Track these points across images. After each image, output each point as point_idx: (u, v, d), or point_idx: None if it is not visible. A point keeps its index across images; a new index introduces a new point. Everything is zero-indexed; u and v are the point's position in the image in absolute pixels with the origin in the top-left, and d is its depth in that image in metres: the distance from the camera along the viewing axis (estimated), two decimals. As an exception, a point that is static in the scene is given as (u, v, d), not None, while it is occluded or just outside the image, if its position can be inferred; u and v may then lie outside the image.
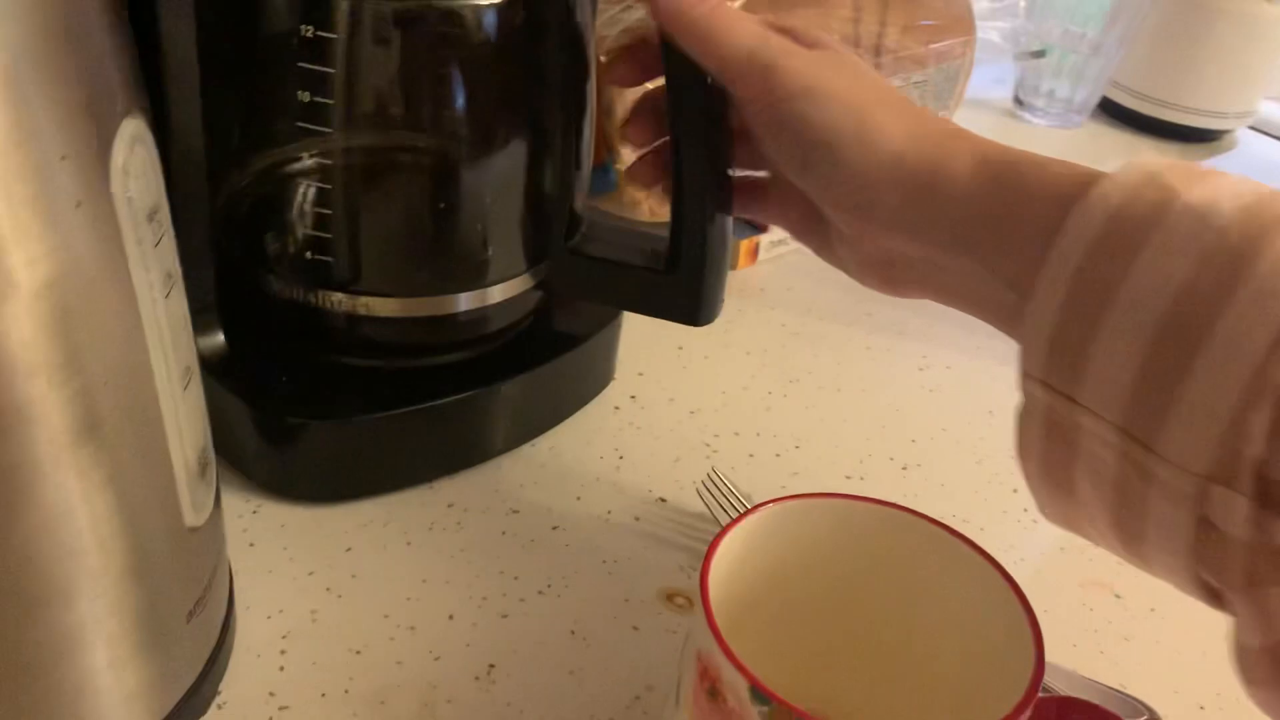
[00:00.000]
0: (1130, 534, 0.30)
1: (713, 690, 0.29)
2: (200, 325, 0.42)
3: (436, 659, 0.41)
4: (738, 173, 0.43)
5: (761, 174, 0.43)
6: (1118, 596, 0.48)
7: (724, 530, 0.32)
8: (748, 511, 0.33)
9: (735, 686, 0.28)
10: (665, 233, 0.45)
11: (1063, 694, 0.40)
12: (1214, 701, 0.44)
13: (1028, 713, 0.28)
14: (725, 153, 0.42)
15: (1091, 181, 0.30)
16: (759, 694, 0.27)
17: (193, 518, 0.34)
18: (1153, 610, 0.48)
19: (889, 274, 0.38)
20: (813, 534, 0.34)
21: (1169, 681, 0.44)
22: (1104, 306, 0.28)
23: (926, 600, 0.34)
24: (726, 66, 0.37)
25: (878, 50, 0.67)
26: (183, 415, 0.33)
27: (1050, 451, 0.31)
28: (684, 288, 0.45)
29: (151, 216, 0.30)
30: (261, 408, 0.45)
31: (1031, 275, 0.30)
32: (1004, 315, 0.34)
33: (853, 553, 0.34)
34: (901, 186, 0.34)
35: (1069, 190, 0.30)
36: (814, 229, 0.41)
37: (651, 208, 0.60)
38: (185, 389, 0.33)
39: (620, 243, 0.48)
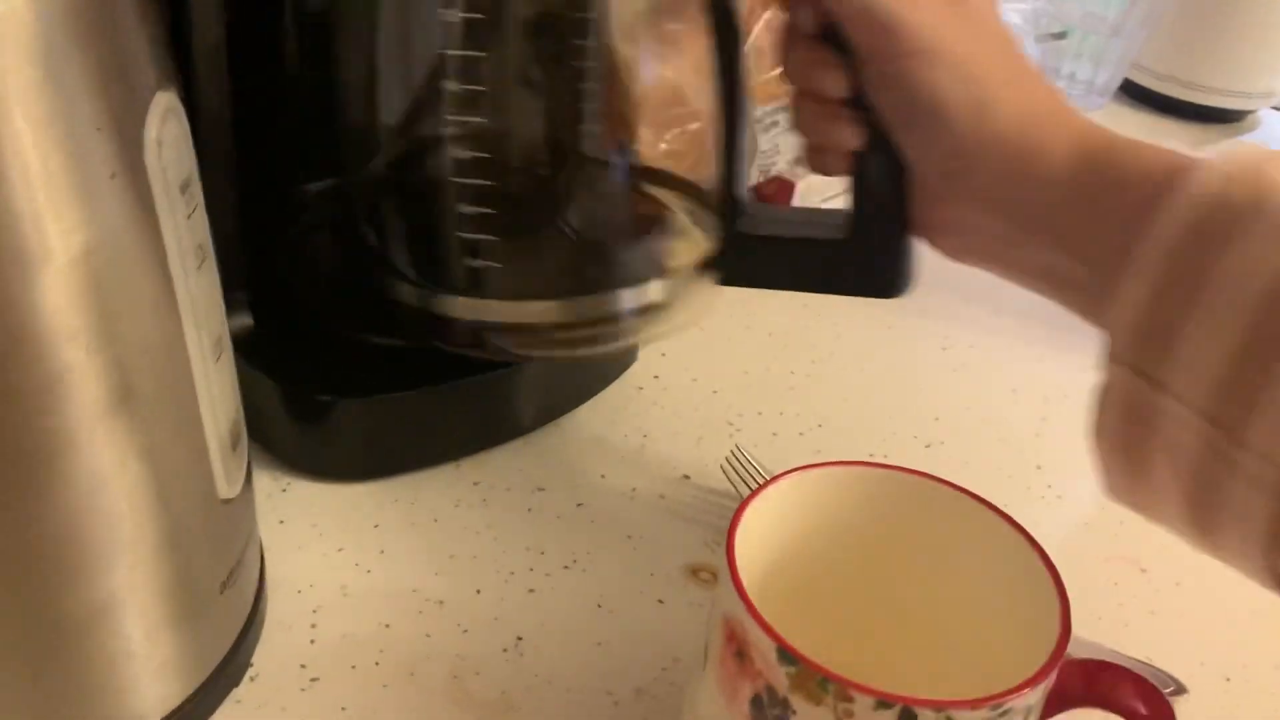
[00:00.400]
0: (1204, 520, 0.30)
1: (740, 652, 0.29)
2: (228, 304, 0.42)
3: (465, 632, 0.41)
4: None
5: None
6: (1143, 571, 0.48)
7: (750, 497, 0.33)
8: (773, 479, 0.33)
9: (762, 648, 0.28)
10: (830, 215, 0.42)
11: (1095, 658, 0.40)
12: (1240, 674, 0.43)
13: (1053, 673, 0.28)
14: None
15: (1188, 167, 0.30)
16: (786, 654, 0.28)
17: (226, 489, 0.35)
18: (1178, 584, 0.48)
19: (960, 241, 0.37)
20: (837, 502, 0.34)
21: (1194, 654, 0.44)
22: (1197, 292, 0.28)
23: (951, 565, 0.34)
24: (846, 13, 0.35)
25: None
26: (215, 386, 0.33)
27: (1128, 434, 0.31)
28: (874, 257, 0.41)
29: (184, 189, 0.30)
30: (290, 386, 0.45)
31: (1118, 259, 0.30)
32: (1077, 296, 0.34)
33: (877, 520, 0.34)
34: (998, 164, 0.34)
35: (1163, 175, 0.30)
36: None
37: (672, 190, 0.60)
38: (217, 361, 0.33)
39: (790, 220, 0.45)
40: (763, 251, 0.43)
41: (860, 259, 0.41)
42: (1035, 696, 0.28)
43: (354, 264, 0.52)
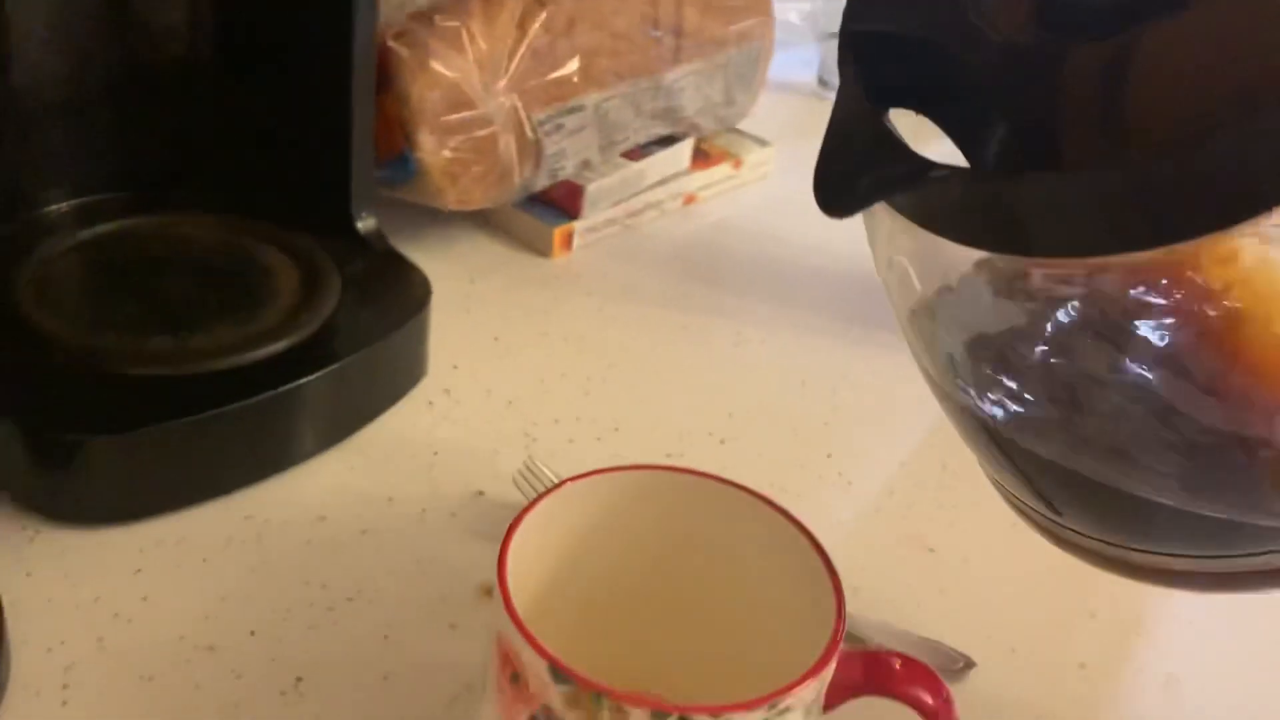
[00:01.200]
0: None
1: (515, 675, 0.28)
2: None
3: (239, 677, 0.38)
4: None
5: None
6: (931, 550, 0.49)
7: (524, 510, 0.31)
8: (550, 490, 0.32)
9: (536, 668, 0.27)
10: None
11: (874, 647, 0.40)
12: (1024, 644, 0.45)
13: (830, 667, 0.28)
14: None
15: None
16: (559, 673, 0.26)
17: (-62, 547, 0.31)
18: (965, 561, 0.49)
19: None
20: (617, 507, 0.33)
21: (982, 629, 0.45)
22: None
23: (733, 563, 0.33)
24: None
25: (678, 32, 0.67)
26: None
27: None
28: None
29: None
30: (31, 425, 0.41)
31: None
32: None
33: (658, 522, 0.33)
34: None
35: None
36: None
37: (457, 196, 0.59)
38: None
39: None
40: None
41: None
42: (812, 691, 0.28)
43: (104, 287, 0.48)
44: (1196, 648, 0.46)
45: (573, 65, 0.62)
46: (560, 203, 0.65)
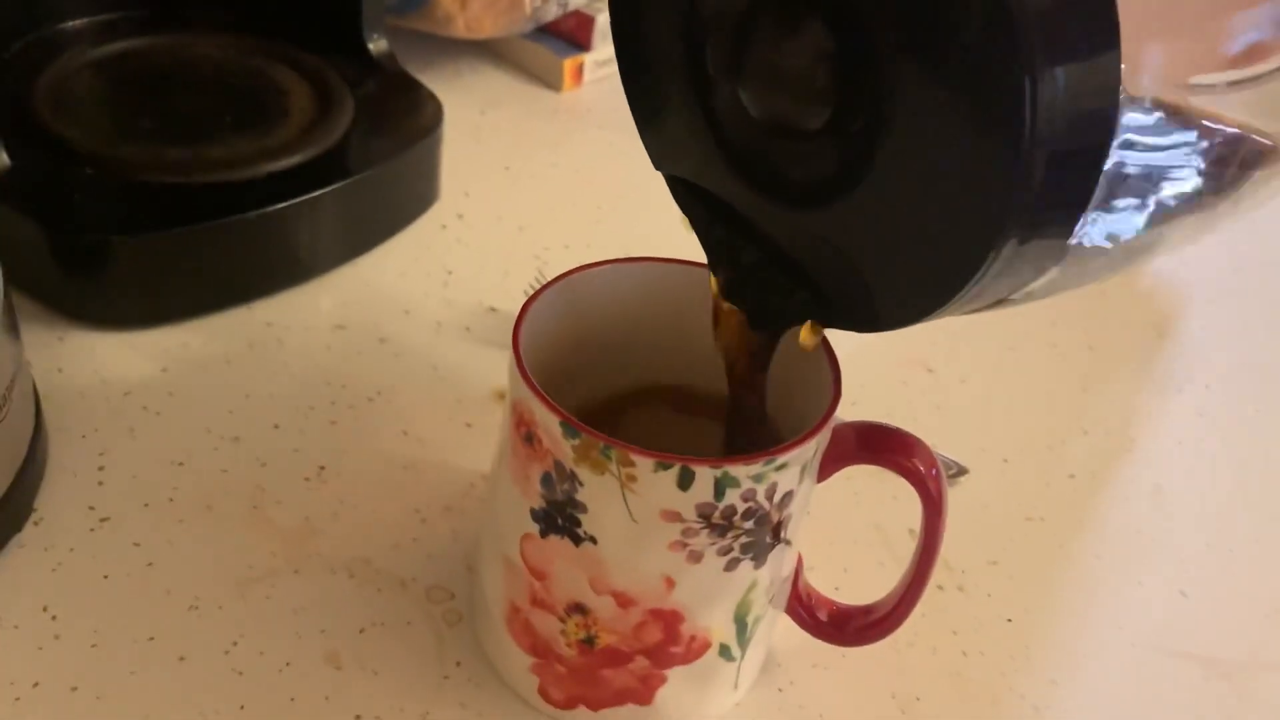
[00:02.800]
0: None
1: (529, 435, 0.29)
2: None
3: (263, 465, 0.40)
4: None
5: None
6: (930, 371, 0.51)
7: (539, 291, 0.33)
8: (560, 276, 0.33)
9: (548, 425, 0.28)
10: None
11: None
12: (1016, 456, 0.47)
13: (826, 430, 0.30)
14: None
15: None
16: (569, 428, 0.28)
17: (-23, 319, 0.33)
18: (962, 381, 0.50)
19: None
20: (625, 296, 0.34)
21: (976, 441, 0.47)
22: None
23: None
24: None
25: None
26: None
27: None
28: None
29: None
30: (55, 227, 0.43)
31: None
32: None
33: (664, 310, 0.35)
34: None
35: None
36: None
37: (467, 22, 0.59)
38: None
39: None
40: None
41: None
42: (809, 452, 0.29)
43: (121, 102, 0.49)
44: (1182, 463, 0.48)
45: (585, -110, 0.61)
46: (571, 35, 0.65)
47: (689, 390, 0.36)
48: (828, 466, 0.31)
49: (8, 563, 0.35)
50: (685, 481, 0.27)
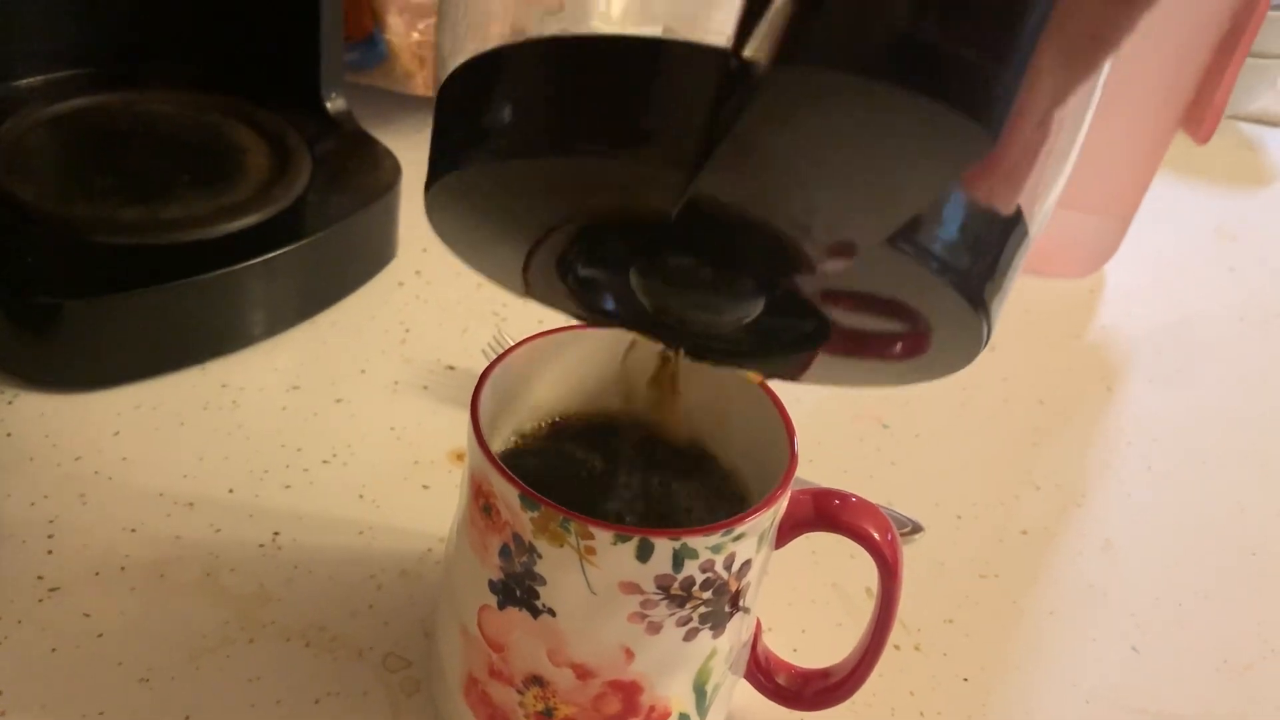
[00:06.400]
0: None
1: (487, 506, 0.29)
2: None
3: (217, 531, 0.40)
4: None
5: None
6: (885, 427, 0.51)
7: (497, 360, 0.33)
8: (521, 342, 0.34)
9: (506, 497, 0.28)
10: None
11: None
12: (969, 511, 0.47)
13: (783, 500, 0.30)
14: None
15: None
16: (528, 500, 0.28)
17: (-75, 390, 0.32)
18: (917, 437, 0.51)
19: None
20: (586, 362, 0.35)
21: (930, 497, 0.47)
22: None
23: (698, 418, 0.35)
24: None
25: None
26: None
27: None
28: None
29: None
30: (7, 289, 0.42)
31: None
32: None
33: (627, 379, 0.35)
34: None
35: None
36: None
37: (425, 80, 0.59)
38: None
39: None
40: None
41: None
42: (766, 520, 0.29)
43: (76, 160, 0.49)
44: (1132, 516, 0.49)
45: (542, -49, 0.62)
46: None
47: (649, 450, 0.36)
48: (785, 534, 0.31)
49: (-48, 636, 0.35)
50: (644, 553, 0.28)
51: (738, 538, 0.28)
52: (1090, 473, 0.51)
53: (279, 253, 0.47)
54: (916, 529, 0.45)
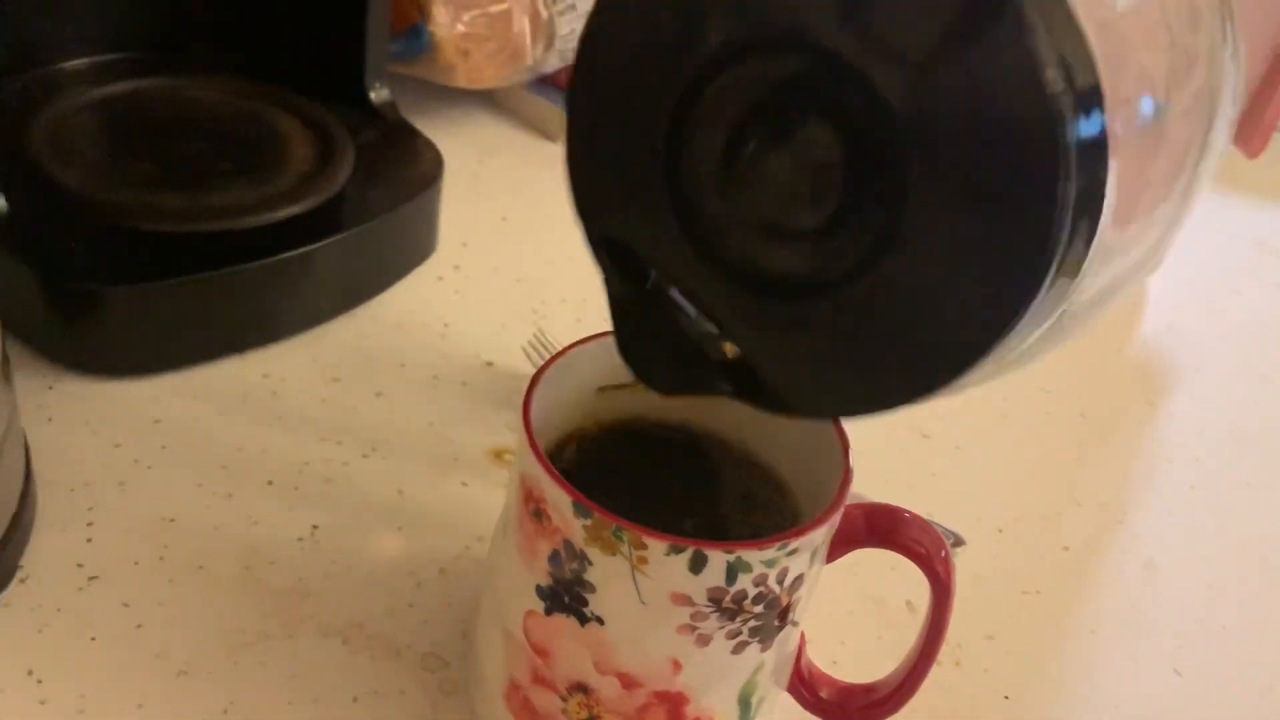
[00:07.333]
0: None
1: (537, 511, 0.29)
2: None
3: (255, 524, 0.40)
4: None
5: None
6: (925, 437, 0.51)
7: (548, 362, 0.32)
8: (571, 345, 0.33)
9: (558, 503, 0.28)
10: None
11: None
12: (1011, 525, 0.47)
13: (836, 515, 0.29)
14: None
15: None
16: (581, 507, 0.28)
17: (-27, 375, 0.32)
18: (957, 448, 0.50)
19: None
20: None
21: (972, 510, 0.47)
22: None
23: (747, 427, 0.34)
24: None
25: None
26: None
27: None
28: None
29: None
30: (51, 275, 0.42)
31: None
32: None
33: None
34: None
35: None
36: None
37: (468, 73, 0.59)
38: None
39: None
40: None
41: None
42: (820, 536, 0.29)
43: (119, 145, 0.49)
44: (1174, 536, 0.48)
45: (589, -55, 0.61)
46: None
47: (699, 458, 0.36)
48: (837, 549, 0.31)
49: (-8, 623, 0.35)
50: (697, 565, 0.27)
51: (792, 552, 0.28)
52: (1132, 490, 0.51)
53: (321, 244, 0.46)
54: (959, 542, 0.45)
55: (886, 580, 0.42)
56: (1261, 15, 0.54)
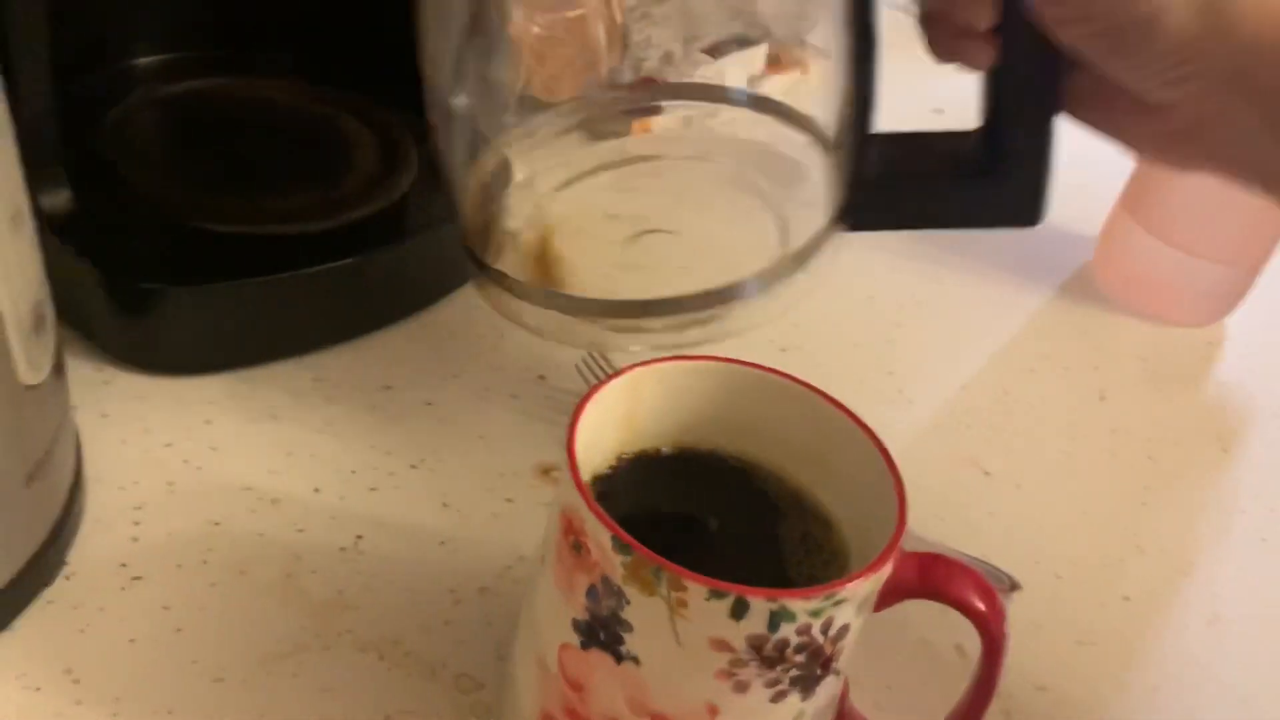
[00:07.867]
0: None
1: (577, 544, 0.28)
2: (44, 179, 0.39)
3: (300, 531, 0.39)
4: None
5: None
6: (986, 474, 0.49)
7: (594, 389, 0.32)
8: (619, 372, 0.32)
9: (599, 538, 0.27)
10: (959, 138, 0.37)
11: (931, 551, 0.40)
12: (1069, 571, 0.45)
13: (888, 565, 0.28)
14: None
15: None
16: (621, 544, 0.27)
17: (28, 375, 0.32)
18: (1018, 487, 0.49)
19: (1187, 148, 0.34)
20: (687, 395, 0.33)
21: (1029, 553, 0.45)
22: None
23: (797, 460, 0.34)
24: None
25: None
26: (11, 262, 0.30)
27: None
28: (1016, 189, 0.37)
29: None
30: (112, 271, 0.42)
31: None
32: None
33: (725, 413, 0.34)
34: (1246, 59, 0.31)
35: None
36: (1092, 103, 0.35)
37: (544, 82, 0.58)
38: (15, 235, 0.30)
39: (921, 148, 0.39)
40: (890, 190, 0.38)
41: (998, 193, 0.37)
42: (869, 587, 0.28)
43: (184, 143, 0.49)
44: (1242, 591, 0.46)
45: (663, -45, 0.60)
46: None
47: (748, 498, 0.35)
48: (885, 599, 0.30)
49: (36, 619, 0.35)
50: (739, 612, 0.26)
51: (838, 603, 0.27)
52: (1200, 539, 0.49)
53: (379, 251, 0.46)
54: (1014, 586, 0.43)
55: (936, 623, 0.40)
56: None
